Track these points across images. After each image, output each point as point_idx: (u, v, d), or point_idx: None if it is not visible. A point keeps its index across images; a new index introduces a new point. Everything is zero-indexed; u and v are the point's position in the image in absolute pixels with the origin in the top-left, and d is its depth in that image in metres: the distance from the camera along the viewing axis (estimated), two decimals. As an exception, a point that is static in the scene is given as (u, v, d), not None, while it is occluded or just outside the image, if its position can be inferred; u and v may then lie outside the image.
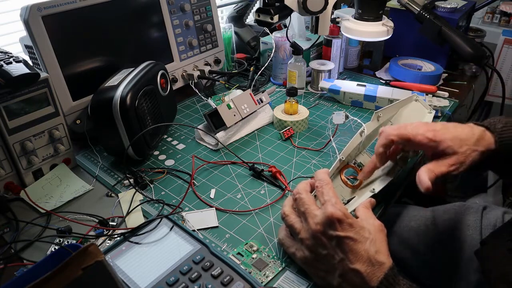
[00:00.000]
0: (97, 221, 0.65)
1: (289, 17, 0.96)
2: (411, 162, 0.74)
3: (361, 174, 0.67)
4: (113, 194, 0.72)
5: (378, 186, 0.65)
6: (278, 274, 0.56)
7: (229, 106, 0.85)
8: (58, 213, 0.67)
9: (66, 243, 0.61)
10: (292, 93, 0.88)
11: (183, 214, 0.66)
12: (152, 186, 0.74)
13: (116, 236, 0.62)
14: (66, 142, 0.77)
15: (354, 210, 0.58)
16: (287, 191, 0.72)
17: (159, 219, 0.63)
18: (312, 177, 0.66)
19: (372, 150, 0.80)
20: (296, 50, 1.00)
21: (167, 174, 0.77)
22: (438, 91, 1.01)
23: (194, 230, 0.63)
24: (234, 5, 1.28)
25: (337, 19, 0.98)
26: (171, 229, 0.61)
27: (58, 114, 0.74)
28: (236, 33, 1.24)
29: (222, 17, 1.37)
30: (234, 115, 0.85)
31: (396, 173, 0.68)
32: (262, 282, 0.54)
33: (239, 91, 1.00)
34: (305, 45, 1.08)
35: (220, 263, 0.55)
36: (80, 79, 0.83)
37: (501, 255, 0.56)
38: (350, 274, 0.49)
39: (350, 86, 1.00)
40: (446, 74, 1.13)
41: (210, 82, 1.08)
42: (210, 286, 0.52)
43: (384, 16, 0.90)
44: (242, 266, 0.56)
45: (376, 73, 1.18)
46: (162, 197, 0.71)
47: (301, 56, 1.01)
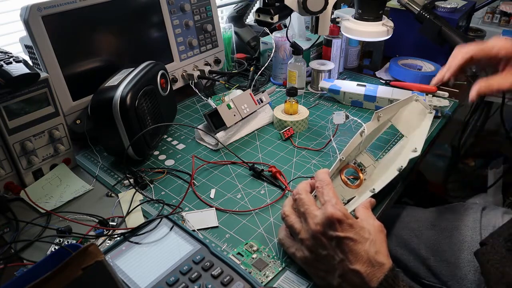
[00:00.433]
0: (97, 221, 0.65)
1: (289, 17, 0.97)
2: (412, 162, 0.74)
3: (434, 80, 0.69)
4: (113, 194, 0.72)
5: (378, 186, 0.65)
6: (278, 274, 0.56)
7: (229, 106, 0.85)
8: (58, 213, 0.67)
9: (66, 243, 0.61)
10: (292, 93, 0.88)
11: (183, 214, 0.66)
12: (152, 186, 0.74)
13: (116, 236, 0.62)
14: (66, 142, 0.77)
15: (354, 210, 0.58)
16: (287, 191, 0.72)
17: (159, 219, 0.63)
18: (312, 177, 0.66)
19: (372, 150, 0.81)
20: (296, 50, 1.00)
21: (167, 174, 0.77)
22: (438, 91, 1.01)
23: (194, 230, 0.63)
24: (234, 5, 1.28)
25: (337, 19, 0.98)
26: (171, 229, 0.61)
27: (58, 114, 0.74)
28: (236, 33, 1.24)
29: (222, 17, 1.37)
30: (234, 115, 0.85)
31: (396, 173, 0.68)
32: (262, 282, 0.54)
33: (239, 91, 1.00)
34: (305, 45, 1.08)
35: (220, 263, 0.55)
36: (80, 79, 0.83)
37: (500, 256, 0.56)
38: (350, 275, 0.49)
39: (350, 86, 1.00)
40: (446, 74, 1.13)
41: (210, 82, 1.08)
42: (210, 286, 0.52)
43: (384, 16, 0.90)
44: (242, 266, 0.56)
45: (376, 73, 1.18)
46: (162, 197, 0.71)
47: (301, 56, 1.01)
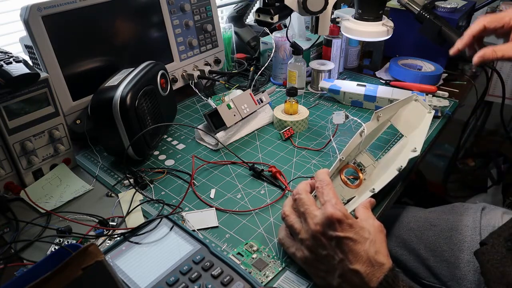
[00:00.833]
0: (97, 221, 0.65)
1: (289, 17, 0.96)
2: (411, 162, 0.74)
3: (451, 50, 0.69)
4: (113, 194, 0.72)
5: (378, 186, 0.65)
6: (278, 274, 0.56)
7: (229, 106, 0.85)
8: (58, 213, 0.67)
9: (66, 243, 0.61)
10: (292, 93, 0.88)
11: (183, 214, 0.66)
12: (152, 186, 0.74)
13: (116, 236, 0.62)
14: (66, 142, 0.77)
15: (354, 210, 0.58)
16: (287, 191, 0.72)
17: (159, 219, 0.63)
18: (312, 177, 0.66)
19: (372, 150, 0.81)
20: (296, 50, 1.00)
21: (167, 174, 0.77)
22: (438, 91, 1.01)
23: (194, 230, 0.63)
24: (234, 5, 1.28)
25: (337, 19, 0.98)
26: (171, 229, 0.62)
27: (58, 114, 0.74)
28: (236, 33, 1.24)
29: (222, 17, 1.37)
30: (234, 115, 0.85)
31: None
32: (262, 282, 0.54)
33: (239, 91, 0.99)
34: (305, 45, 1.08)
35: (220, 263, 0.55)
36: (80, 79, 0.83)
37: (500, 256, 0.56)
38: (349, 275, 0.49)
39: (350, 86, 1.00)
40: (446, 74, 1.13)
41: (210, 82, 1.08)
42: (210, 286, 0.52)
43: (384, 16, 0.90)
44: (242, 266, 0.56)
45: (376, 73, 1.18)
46: (162, 197, 0.71)
47: (301, 56, 1.01)
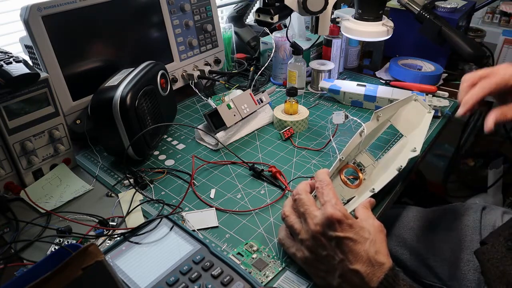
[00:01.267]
0: (97, 221, 0.65)
1: (289, 17, 0.96)
2: (411, 162, 0.74)
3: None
4: (113, 194, 0.72)
5: (378, 186, 0.65)
6: (278, 274, 0.56)
7: (229, 106, 0.85)
8: (58, 213, 0.67)
9: (66, 243, 0.61)
10: (292, 93, 0.88)
11: (183, 214, 0.66)
12: (152, 186, 0.74)
13: (116, 236, 0.62)
14: (66, 142, 0.77)
15: (354, 210, 0.58)
16: (287, 191, 0.72)
17: (159, 219, 0.63)
18: (312, 177, 0.66)
19: (371, 150, 0.81)
20: (296, 50, 1.00)
21: (167, 174, 0.77)
22: (438, 91, 1.01)
23: (194, 230, 0.63)
24: (234, 5, 1.28)
25: (337, 19, 0.98)
26: (171, 229, 0.62)
27: (58, 114, 0.74)
28: (236, 33, 1.24)
29: (222, 17, 1.37)
30: (234, 115, 0.85)
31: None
32: (262, 282, 0.54)
33: (239, 91, 1.00)
34: (305, 45, 1.08)
35: (220, 263, 0.55)
36: (80, 79, 0.83)
37: (500, 255, 0.56)
38: (350, 275, 0.49)
39: (350, 86, 1.00)
40: (446, 74, 1.13)
41: (210, 82, 1.08)
42: (210, 286, 0.52)
43: (384, 16, 0.90)
44: (242, 266, 0.56)
45: (376, 73, 1.18)
46: (162, 197, 0.71)
47: (301, 56, 1.01)
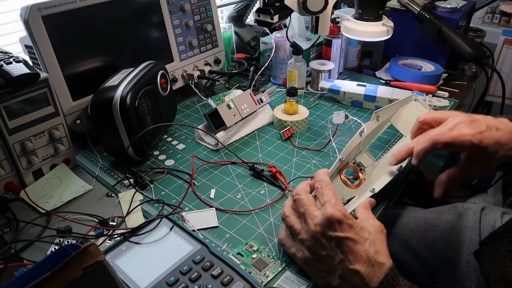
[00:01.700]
0: (97, 221, 0.65)
1: (289, 17, 0.96)
2: (410, 162, 0.74)
3: (393, 159, 0.61)
4: (113, 194, 0.72)
5: (378, 186, 0.65)
6: (278, 274, 0.56)
7: (229, 106, 0.85)
8: (58, 213, 0.67)
9: (66, 243, 0.61)
10: (292, 93, 0.88)
11: (183, 214, 0.66)
12: (152, 186, 0.74)
13: (116, 236, 0.62)
14: (66, 142, 0.77)
15: (354, 210, 0.58)
16: (287, 191, 0.72)
17: (159, 219, 0.63)
18: (312, 177, 0.66)
19: (371, 150, 0.81)
20: (296, 50, 1.00)
21: (167, 174, 0.77)
22: (438, 91, 1.01)
23: (194, 230, 0.63)
24: (234, 5, 1.28)
25: (337, 19, 0.98)
26: (171, 229, 0.62)
27: (58, 114, 0.74)
28: (236, 33, 1.24)
29: (222, 17, 1.37)
30: (234, 115, 0.85)
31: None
32: (262, 282, 0.54)
33: (239, 91, 1.00)
34: (305, 45, 1.08)
35: (220, 263, 0.55)
36: (80, 79, 0.83)
37: (500, 256, 0.56)
38: (350, 275, 0.49)
39: (350, 86, 1.00)
40: (446, 74, 1.13)
41: (210, 82, 1.08)
42: (210, 286, 0.52)
43: (384, 16, 0.90)
44: (242, 266, 0.56)
45: (376, 73, 1.18)
46: (162, 197, 0.71)
47: (301, 56, 1.01)
